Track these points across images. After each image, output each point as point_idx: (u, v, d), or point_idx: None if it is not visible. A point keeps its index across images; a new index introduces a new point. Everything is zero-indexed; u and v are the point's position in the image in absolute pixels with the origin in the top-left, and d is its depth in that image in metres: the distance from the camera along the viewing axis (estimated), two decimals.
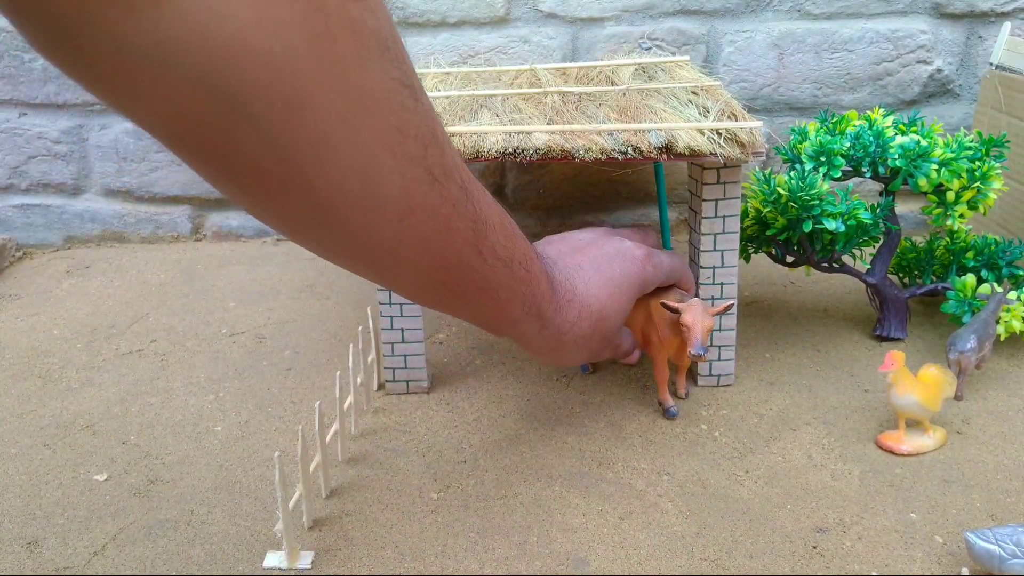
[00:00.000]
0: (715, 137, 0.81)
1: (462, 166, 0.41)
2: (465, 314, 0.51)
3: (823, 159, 0.96)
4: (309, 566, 0.68)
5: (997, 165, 0.96)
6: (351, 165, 0.33)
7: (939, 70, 1.37)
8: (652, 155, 0.80)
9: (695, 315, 0.80)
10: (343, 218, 0.36)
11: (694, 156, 0.81)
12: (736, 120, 0.84)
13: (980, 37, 1.35)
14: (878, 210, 0.96)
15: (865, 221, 0.92)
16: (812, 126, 1.02)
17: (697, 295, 0.91)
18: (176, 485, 0.79)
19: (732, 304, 0.86)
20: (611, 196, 1.47)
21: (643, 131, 0.82)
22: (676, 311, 0.81)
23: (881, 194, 1.01)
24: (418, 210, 0.38)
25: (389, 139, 0.34)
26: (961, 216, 0.97)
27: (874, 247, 1.01)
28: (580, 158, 0.80)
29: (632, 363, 0.79)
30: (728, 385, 0.94)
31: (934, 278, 1.06)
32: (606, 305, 0.60)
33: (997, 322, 0.92)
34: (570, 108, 0.88)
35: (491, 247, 0.44)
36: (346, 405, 0.85)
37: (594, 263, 0.61)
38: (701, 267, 0.89)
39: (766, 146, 0.88)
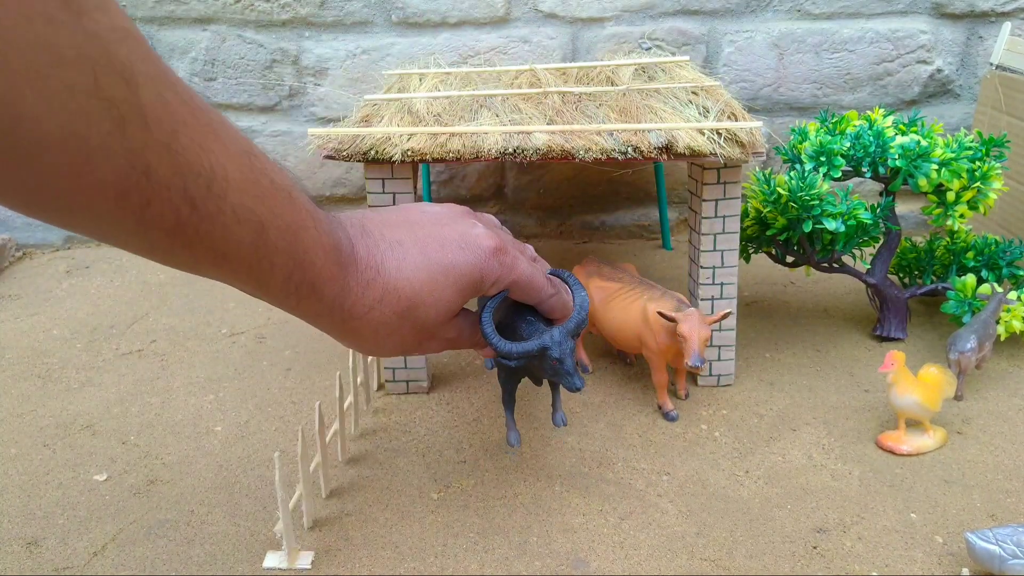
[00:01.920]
0: (715, 137, 0.81)
1: (177, 104, 0.34)
2: (222, 281, 0.44)
3: (823, 159, 0.96)
4: (309, 566, 0.67)
5: (997, 165, 0.96)
6: None
7: (939, 70, 1.37)
8: (652, 155, 0.80)
9: (692, 325, 0.80)
10: None
11: (694, 156, 0.81)
12: (736, 120, 0.84)
13: (980, 37, 1.35)
14: (878, 210, 0.96)
15: (865, 221, 0.92)
16: (812, 126, 1.02)
17: (695, 303, 0.91)
18: (176, 485, 0.79)
19: (729, 313, 0.86)
20: (611, 196, 1.47)
21: (643, 131, 0.82)
22: (673, 320, 0.81)
23: (881, 194, 1.01)
24: (98, 153, 0.31)
25: (28, 62, 0.28)
26: (961, 216, 0.97)
27: (874, 247, 1.01)
28: (580, 158, 0.80)
29: (485, 355, 0.65)
30: (728, 385, 0.94)
31: (934, 278, 1.06)
32: (420, 292, 0.50)
33: (997, 322, 0.92)
34: (570, 108, 0.88)
35: (224, 206, 0.37)
36: (346, 405, 0.85)
37: (420, 243, 0.51)
38: (701, 267, 0.89)
39: (766, 146, 0.88)
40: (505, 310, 0.68)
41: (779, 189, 0.91)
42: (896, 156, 0.94)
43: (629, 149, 0.80)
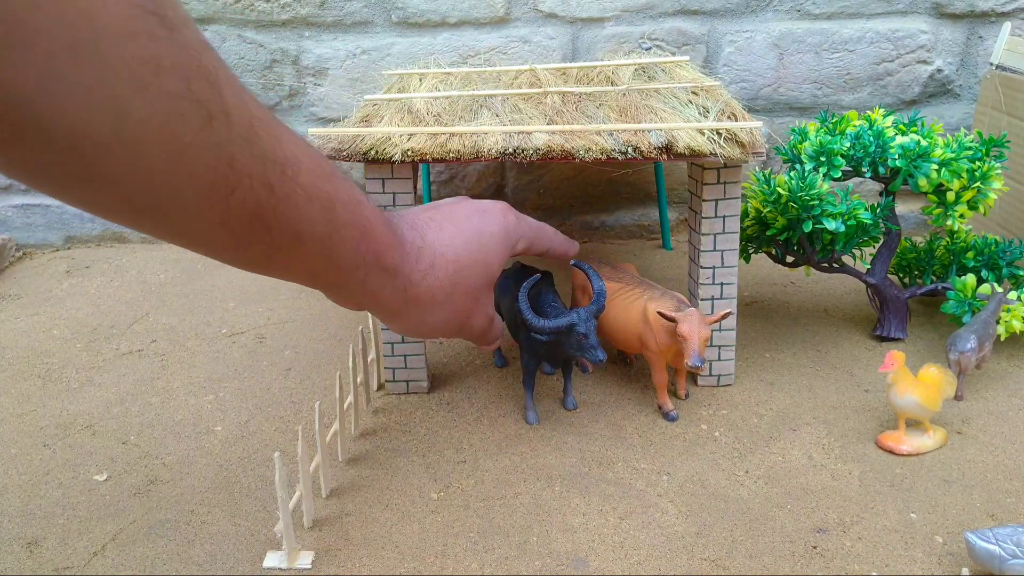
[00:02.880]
0: (715, 137, 0.81)
1: (251, 102, 0.39)
2: (290, 271, 0.46)
3: (823, 159, 0.96)
4: (309, 566, 0.67)
5: (997, 165, 0.96)
6: (88, 101, 0.31)
7: (939, 70, 1.37)
8: (652, 155, 0.80)
9: (692, 325, 0.80)
10: (96, 162, 0.33)
11: (694, 156, 0.81)
12: (736, 120, 0.84)
13: (980, 37, 1.35)
14: (878, 210, 0.96)
15: (865, 221, 0.92)
16: (812, 126, 1.02)
17: (695, 303, 0.91)
18: (176, 485, 0.79)
19: (729, 313, 0.86)
20: (611, 196, 1.47)
21: (643, 131, 0.82)
22: (673, 320, 0.81)
23: (881, 194, 1.01)
24: (191, 150, 0.35)
25: (134, 72, 0.31)
26: (961, 216, 0.97)
27: (874, 247, 1.01)
28: (580, 158, 0.80)
29: (492, 348, 0.67)
30: (728, 385, 0.94)
31: (934, 278, 1.06)
32: (462, 255, 0.55)
33: (997, 322, 0.92)
34: (570, 108, 0.88)
35: (297, 187, 0.41)
36: (346, 405, 0.85)
37: (447, 218, 0.56)
38: (701, 267, 0.89)
39: (766, 146, 0.88)
40: (532, 297, 0.83)
41: (779, 189, 0.91)
42: (896, 156, 0.94)
43: (629, 149, 0.80)
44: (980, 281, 1.00)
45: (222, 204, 0.38)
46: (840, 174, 0.96)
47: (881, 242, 1.00)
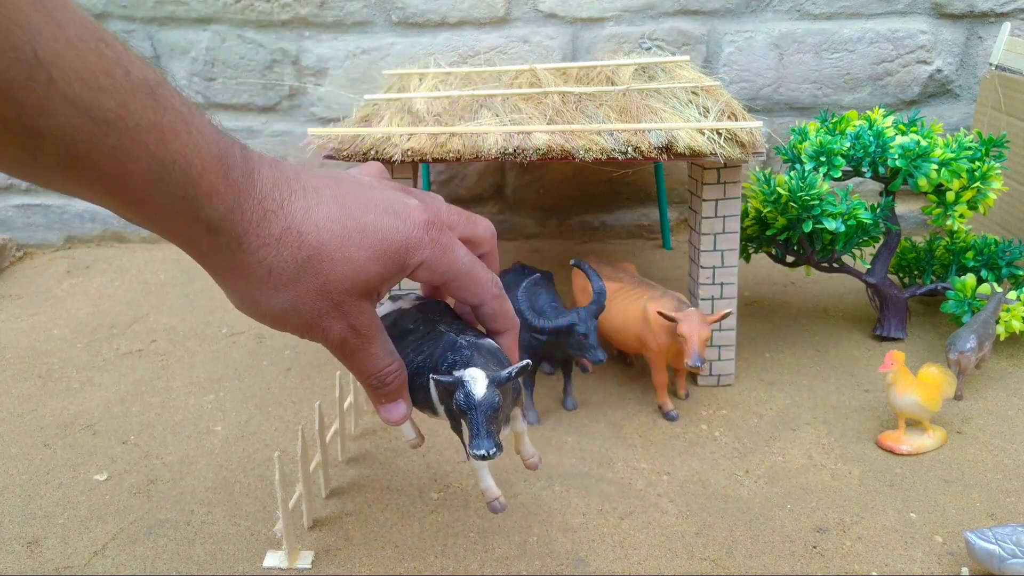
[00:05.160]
0: (715, 137, 0.81)
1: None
2: (88, 196, 0.38)
3: (823, 159, 0.96)
4: (309, 566, 0.68)
5: (997, 165, 0.96)
6: None
7: (939, 70, 1.37)
8: (652, 155, 0.80)
9: (692, 325, 0.80)
10: None
11: (694, 156, 0.81)
12: (736, 120, 0.84)
13: (980, 37, 1.35)
14: (878, 210, 0.96)
15: (865, 221, 0.92)
16: (812, 126, 1.02)
17: (695, 303, 0.91)
18: (176, 485, 0.79)
19: (729, 313, 0.86)
20: (611, 196, 1.47)
21: (643, 131, 0.82)
22: (673, 320, 0.81)
23: (881, 194, 1.01)
24: None
25: None
26: (961, 216, 0.97)
27: (874, 247, 1.01)
28: (580, 158, 0.80)
29: (394, 419, 0.51)
30: (728, 385, 0.94)
31: (934, 278, 1.06)
32: (327, 244, 0.42)
33: (997, 322, 0.92)
34: (570, 108, 0.88)
35: (51, 96, 0.33)
36: (346, 405, 0.85)
37: (340, 197, 0.44)
38: (701, 267, 0.89)
39: (766, 146, 0.88)
40: (531, 297, 0.83)
41: (779, 189, 0.91)
42: (896, 156, 0.95)
43: (629, 149, 0.80)
44: (980, 281, 1.00)
45: None
46: (840, 174, 0.96)
47: (881, 242, 1.01)
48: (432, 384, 0.55)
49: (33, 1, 0.31)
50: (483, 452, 0.52)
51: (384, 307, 0.57)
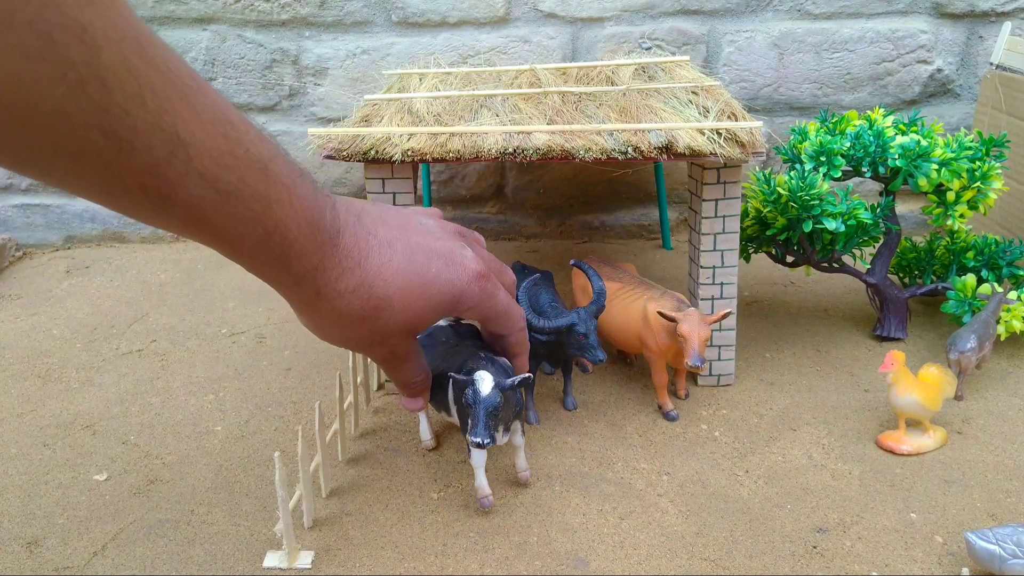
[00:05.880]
0: (715, 137, 0.81)
1: (148, 73, 0.34)
2: (200, 240, 0.44)
3: (823, 159, 0.96)
4: (309, 566, 0.67)
5: (997, 165, 0.96)
6: None
7: (939, 70, 1.37)
8: (652, 155, 0.80)
9: (692, 325, 0.80)
10: None
11: (694, 156, 0.81)
12: (736, 120, 0.84)
13: (980, 37, 1.35)
14: (878, 210, 0.96)
15: (865, 221, 0.92)
16: (812, 126, 1.02)
17: (695, 303, 0.91)
18: (176, 485, 0.79)
19: (729, 313, 0.86)
20: (611, 196, 1.47)
21: (643, 131, 0.82)
22: (673, 320, 0.81)
23: (881, 194, 1.01)
24: (55, 115, 0.31)
25: None
26: (961, 216, 0.97)
27: (874, 247, 1.01)
28: (580, 158, 0.80)
29: (412, 408, 0.62)
30: (728, 385, 0.94)
31: (934, 278, 1.06)
32: (394, 296, 0.50)
33: (997, 322, 0.92)
34: (570, 108, 0.88)
35: (188, 172, 0.38)
36: (346, 405, 0.85)
37: (409, 249, 0.51)
38: (701, 267, 0.89)
39: (766, 146, 0.88)
40: (532, 297, 0.85)
41: (779, 189, 0.91)
42: (896, 156, 0.94)
43: (629, 149, 0.80)
44: (980, 281, 1.00)
45: (98, 174, 0.35)
46: (840, 174, 0.96)
47: (881, 242, 1.01)
48: (450, 383, 0.69)
49: (178, 89, 0.36)
50: (479, 440, 0.65)
51: None
